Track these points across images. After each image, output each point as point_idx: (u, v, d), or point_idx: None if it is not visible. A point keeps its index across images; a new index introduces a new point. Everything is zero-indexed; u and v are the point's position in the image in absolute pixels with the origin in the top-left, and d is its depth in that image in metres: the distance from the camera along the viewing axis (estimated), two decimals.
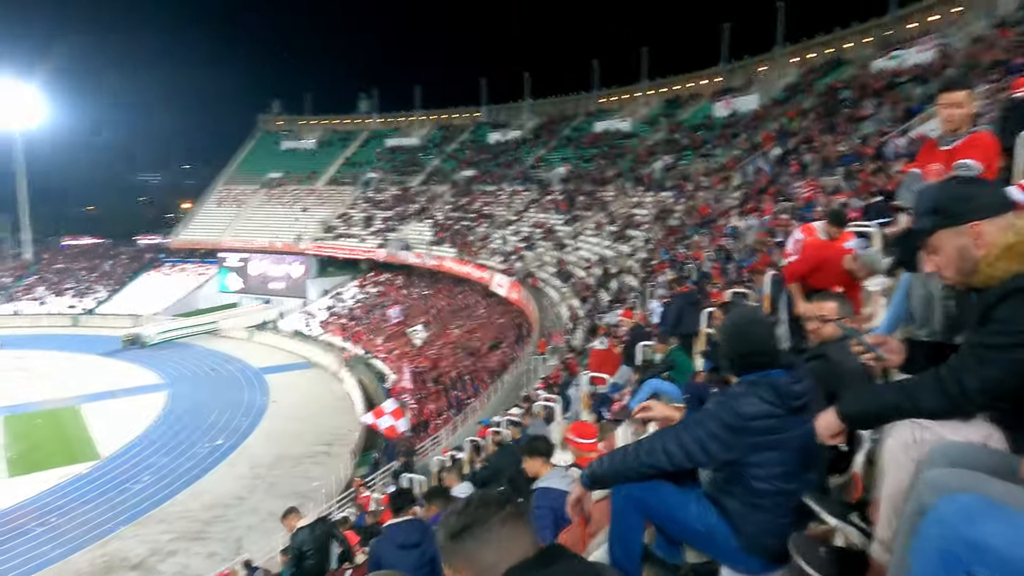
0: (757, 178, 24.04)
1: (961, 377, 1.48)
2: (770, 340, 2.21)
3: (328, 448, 28.30)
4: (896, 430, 1.58)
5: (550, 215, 41.69)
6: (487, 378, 28.32)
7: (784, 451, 2.08)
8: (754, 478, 2.08)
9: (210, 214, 63.17)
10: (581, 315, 24.51)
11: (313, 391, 36.70)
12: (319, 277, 54.61)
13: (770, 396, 2.07)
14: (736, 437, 2.06)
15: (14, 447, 28.17)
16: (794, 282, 4.51)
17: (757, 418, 2.05)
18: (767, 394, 2.07)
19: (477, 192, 50.59)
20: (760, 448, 2.06)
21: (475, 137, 61.10)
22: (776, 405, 2.06)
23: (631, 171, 40.11)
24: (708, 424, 2.09)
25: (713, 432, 2.07)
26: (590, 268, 30.27)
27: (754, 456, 2.07)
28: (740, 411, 2.06)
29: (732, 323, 2.32)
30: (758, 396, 2.07)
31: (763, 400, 2.06)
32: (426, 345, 36.98)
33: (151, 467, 26.04)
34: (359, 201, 57.22)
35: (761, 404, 2.06)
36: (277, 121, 73.08)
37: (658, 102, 50.94)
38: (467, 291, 43.35)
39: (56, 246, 71.23)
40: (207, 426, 30.78)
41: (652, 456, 2.13)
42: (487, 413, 20.40)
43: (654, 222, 29.52)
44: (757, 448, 2.06)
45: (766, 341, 2.19)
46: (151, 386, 37.10)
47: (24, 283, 59.28)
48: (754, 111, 37.92)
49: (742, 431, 2.05)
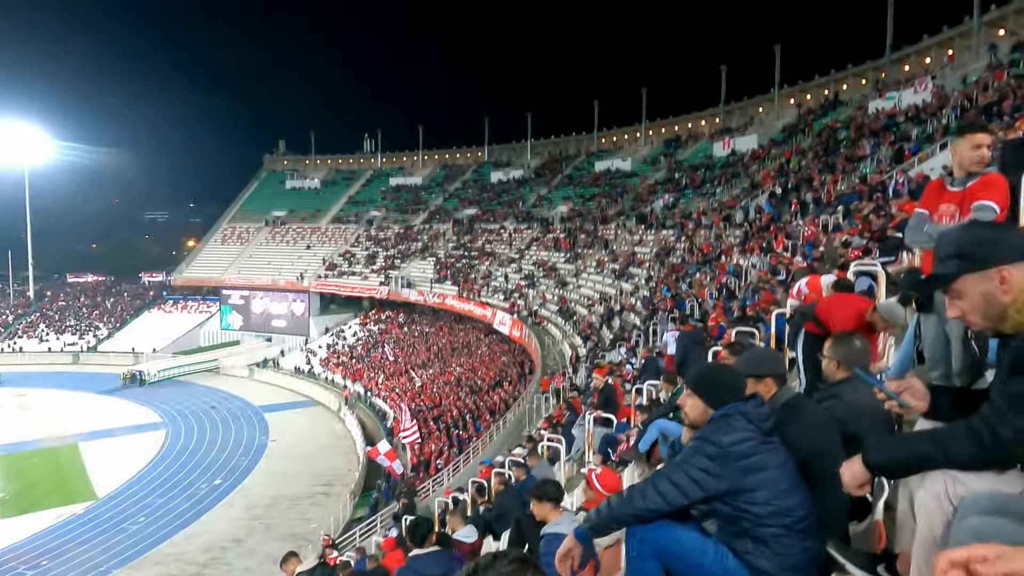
0: (757, 216, 24.19)
1: (995, 427, 1.44)
2: (737, 382, 2.43)
3: (327, 488, 27.86)
4: (928, 481, 1.54)
5: (552, 253, 41.87)
6: (489, 417, 28.03)
7: (771, 470, 2.18)
8: (754, 504, 2.14)
9: (214, 252, 63.51)
10: (583, 353, 24.38)
11: (313, 430, 36.31)
12: (321, 315, 54.61)
13: (742, 423, 2.22)
14: (723, 465, 2.16)
15: (8, 487, 27.76)
16: (813, 327, 4.48)
17: (736, 443, 2.18)
18: (739, 422, 2.23)
19: (479, 230, 50.92)
20: (749, 471, 2.16)
21: (477, 176, 61.80)
22: (750, 430, 2.21)
23: (632, 209, 40.41)
24: (694, 460, 2.20)
25: (700, 466, 2.18)
26: (592, 306, 30.25)
27: (746, 480, 2.15)
28: (719, 440, 2.19)
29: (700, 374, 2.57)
30: (731, 425, 2.22)
31: (736, 428, 2.21)
32: (427, 383, 36.73)
33: (148, 507, 25.58)
34: (362, 239, 57.58)
35: (736, 431, 2.20)
36: (283, 160, 74.09)
37: (658, 142, 51.68)
38: (469, 328, 43.26)
39: (60, 283, 71.52)
40: (206, 465, 30.36)
41: (647, 499, 2.20)
42: (490, 453, 20.13)
43: (655, 260, 29.61)
44: (747, 471, 2.16)
45: (735, 383, 2.41)
46: (150, 424, 36.74)
47: (26, 320, 59.26)
48: (753, 151, 38.39)
49: (727, 457, 2.16)
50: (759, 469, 2.17)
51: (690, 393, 2.49)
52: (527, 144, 61.39)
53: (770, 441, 2.25)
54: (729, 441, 2.18)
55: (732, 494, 2.16)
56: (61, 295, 65.89)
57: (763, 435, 2.24)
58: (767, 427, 2.26)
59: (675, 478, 2.20)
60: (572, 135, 59.53)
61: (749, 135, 41.45)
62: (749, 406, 2.30)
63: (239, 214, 67.56)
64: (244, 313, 56.98)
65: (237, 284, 57.66)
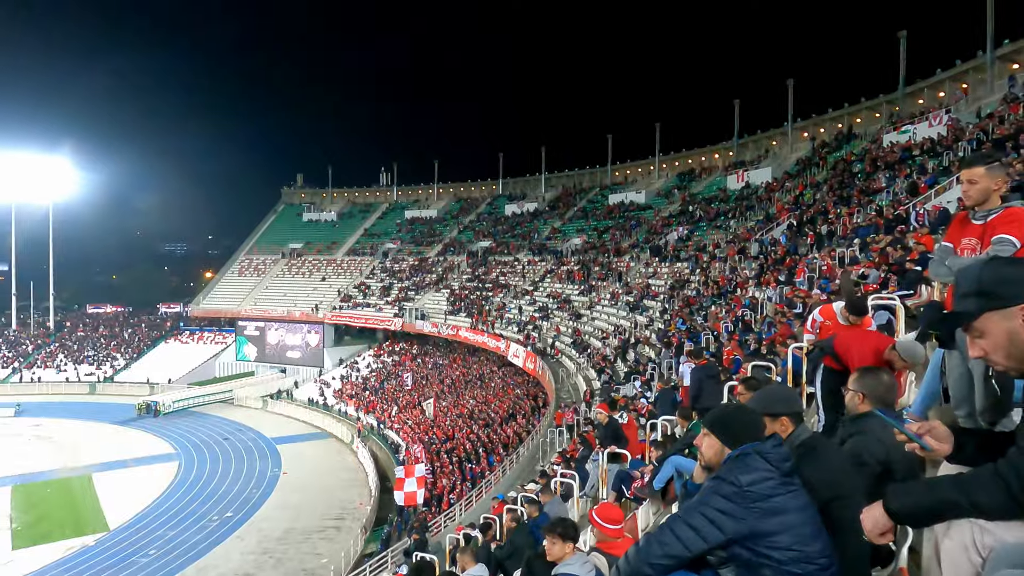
0: (773, 249, 24.07)
1: (1022, 473, 1.37)
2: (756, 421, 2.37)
3: (339, 522, 27.56)
4: (954, 530, 1.47)
5: (566, 285, 41.85)
6: (502, 450, 27.72)
7: (792, 513, 2.09)
8: (775, 549, 2.05)
9: (231, 283, 64.17)
10: (598, 386, 24.14)
11: (325, 462, 36.10)
12: (336, 346, 54.77)
13: (759, 463, 2.15)
14: (742, 506, 2.08)
15: (20, 518, 27.74)
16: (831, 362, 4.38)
17: (755, 483, 2.10)
18: (756, 462, 2.16)
19: (493, 262, 51.10)
20: (769, 513, 2.08)
21: (492, 209, 62.30)
22: (769, 470, 2.14)
23: (646, 242, 40.43)
24: (711, 501, 2.12)
25: (718, 507, 2.10)
26: (606, 338, 30.07)
27: (766, 523, 2.07)
28: (737, 480, 2.11)
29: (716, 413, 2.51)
30: (748, 465, 2.15)
31: (754, 467, 2.14)
32: (440, 416, 36.48)
33: (159, 540, 25.41)
34: (377, 271, 57.98)
35: (754, 471, 2.13)
36: (300, 193, 75.22)
37: (672, 175, 51.93)
38: (482, 360, 43.10)
39: (79, 314, 72.47)
40: (218, 497, 30.21)
41: (667, 545, 2.12)
42: (503, 488, 19.84)
43: (670, 292, 29.48)
44: (767, 514, 2.08)
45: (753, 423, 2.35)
46: (163, 455, 36.73)
47: (45, 351, 59.94)
48: (767, 183, 38.42)
49: (745, 498, 2.08)
50: (780, 512, 2.08)
51: (706, 433, 2.43)
52: (541, 177, 61.94)
53: (791, 483, 2.16)
54: (748, 480, 2.10)
55: (752, 538, 2.07)
56: (80, 325, 66.69)
57: (783, 476, 2.15)
58: (786, 468, 2.18)
59: (692, 521, 2.12)
60: (586, 169, 60.05)
61: (763, 168, 41.53)
62: (767, 446, 2.22)
63: (256, 246, 68.42)
64: (259, 344, 57.30)
65: (253, 315, 58.10)
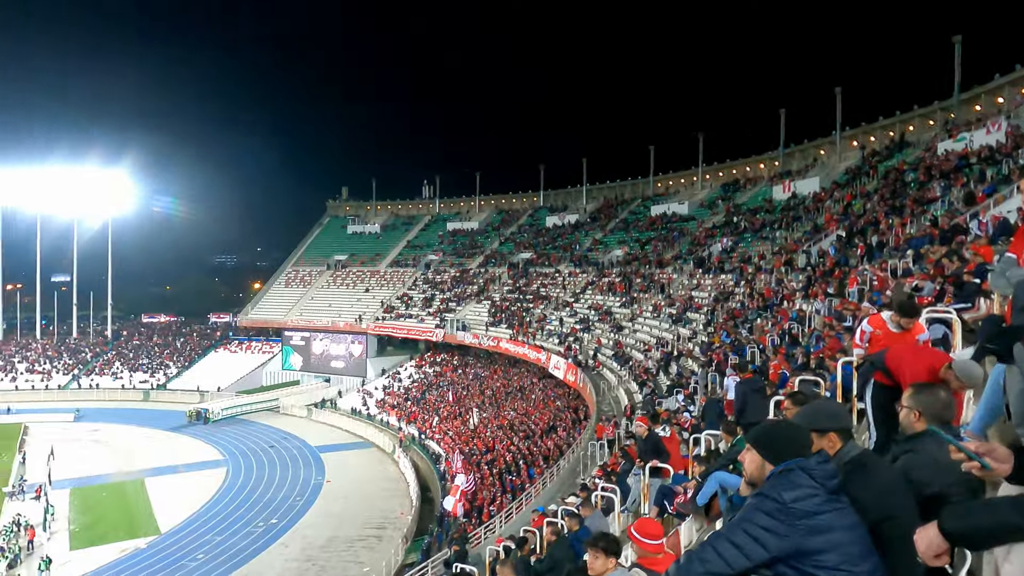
0: (821, 260, 23.46)
1: None
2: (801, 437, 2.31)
3: (380, 532, 27.80)
4: (1015, 554, 1.40)
5: (607, 297, 41.55)
6: (543, 463, 27.57)
7: (839, 532, 2.02)
8: (822, 568, 1.99)
9: (278, 294, 65.77)
10: (639, 399, 23.83)
11: (368, 471, 36.51)
12: (378, 356, 55.53)
13: (804, 479, 2.10)
14: (786, 523, 2.02)
15: (78, 519, 28.80)
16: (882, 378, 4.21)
17: (799, 500, 2.05)
18: (800, 478, 2.10)
19: (534, 274, 51.12)
20: (814, 532, 2.01)
21: (533, 221, 62.43)
22: (813, 486, 2.08)
23: (689, 253, 39.88)
24: (754, 518, 2.07)
25: (762, 524, 2.04)
26: (648, 351, 29.70)
27: (812, 541, 2.01)
28: (780, 496, 2.06)
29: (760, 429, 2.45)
30: (792, 481, 2.10)
31: (798, 483, 2.09)
32: (481, 427, 36.53)
33: (207, 544, 26.07)
34: (419, 282, 58.63)
35: (798, 487, 2.08)
36: (345, 206, 76.77)
37: (715, 186, 51.19)
38: (523, 372, 43.05)
39: (135, 323, 75.22)
40: (263, 504, 30.84)
41: (709, 563, 2.08)
42: (543, 500, 19.71)
43: (714, 304, 28.98)
44: (812, 531, 2.02)
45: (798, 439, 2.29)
46: (212, 462, 37.72)
47: (103, 358, 62.34)
48: (815, 193, 37.50)
49: (789, 514, 2.03)
50: (826, 530, 2.02)
51: (749, 448, 2.37)
52: (582, 189, 61.84)
53: (838, 501, 2.09)
54: (791, 497, 2.05)
55: (797, 556, 2.01)
56: (136, 334, 69.21)
57: (829, 493, 2.09)
58: (833, 485, 2.11)
59: (735, 538, 2.06)
60: (627, 180, 59.70)
61: (810, 178, 40.55)
62: (812, 462, 2.16)
63: (303, 258, 70.01)
64: (305, 354, 58.49)
65: (299, 326, 59.40)
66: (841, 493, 2.12)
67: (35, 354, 61.47)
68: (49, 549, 25.23)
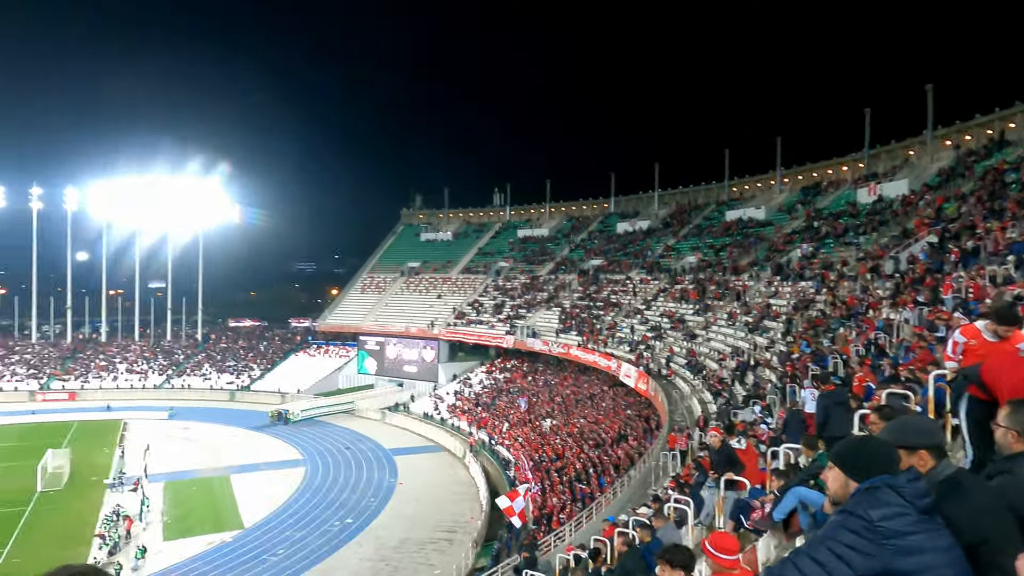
0: (911, 267, 22.20)
1: None
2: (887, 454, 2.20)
3: (450, 535, 28.14)
4: None
5: (679, 304, 40.71)
6: (613, 472, 27.25)
7: (932, 554, 1.90)
8: None
9: (354, 300, 67.93)
10: (713, 410, 23.20)
11: (438, 475, 37.07)
12: (449, 362, 56.39)
13: (892, 497, 1.99)
14: (873, 542, 1.92)
15: (171, 512, 30.56)
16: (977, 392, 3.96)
17: (886, 519, 1.93)
18: (888, 496, 1.99)
19: (605, 281, 50.69)
20: (903, 552, 1.90)
21: (603, 227, 61.97)
22: (902, 505, 1.97)
23: (766, 259, 38.58)
24: (839, 536, 1.97)
25: (847, 542, 1.94)
26: (723, 360, 28.89)
27: (900, 562, 1.90)
28: (866, 515, 1.95)
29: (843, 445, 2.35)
30: (879, 498, 1.99)
31: (886, 501, 1.98)
32: (550, 434, 36.48)
33: (287, 540, 27.11)
34: (490, 289, 59.20)
35: (886, 505, 1.97)
36: (418, 214, 78.59)
37: (795, 189, 49.34)
38: (593, 380, 42.71)
39: (223, 327, 79.34)
40: (339, 503, 31.82)
41: None
42: (613, 510, 19.49)
43: (793, 313, 27.90)
44: (901, 552, 1.90)
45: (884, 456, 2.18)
46: (291, 461, 39.25)
47: (194, 360, 66.05)
48: (903, 196, 35.55)
49: (876, 533, 1.92)
50: (916, 551, 1.90)
51: (832, 466, 2.28)
52: (654, 195, 60.91)
53: (930, 521, 1.98)
54: (879, 515, 1.94)
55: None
56: (223, 338, 72.98)
57: (920, 513, 1.97)
58: (924, 505, 1.99)
59: (818, 555, 1.97)
60: (701, 185, 58.38)
61: (898, 180, 38.47)
62: (901, 479, 2.04)
63: (378, 265, 72.08)
64: (379, 358, 60.09)
65: (373, 331, 61.13)
66: (934, 513, 2.00)
67: (134, 355, 65.79)
68: (145, 539, 26.89)
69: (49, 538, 26.82)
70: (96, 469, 36.04)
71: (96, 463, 37.16)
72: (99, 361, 63.56)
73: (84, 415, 50.82)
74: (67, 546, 25.85)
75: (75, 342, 67.29)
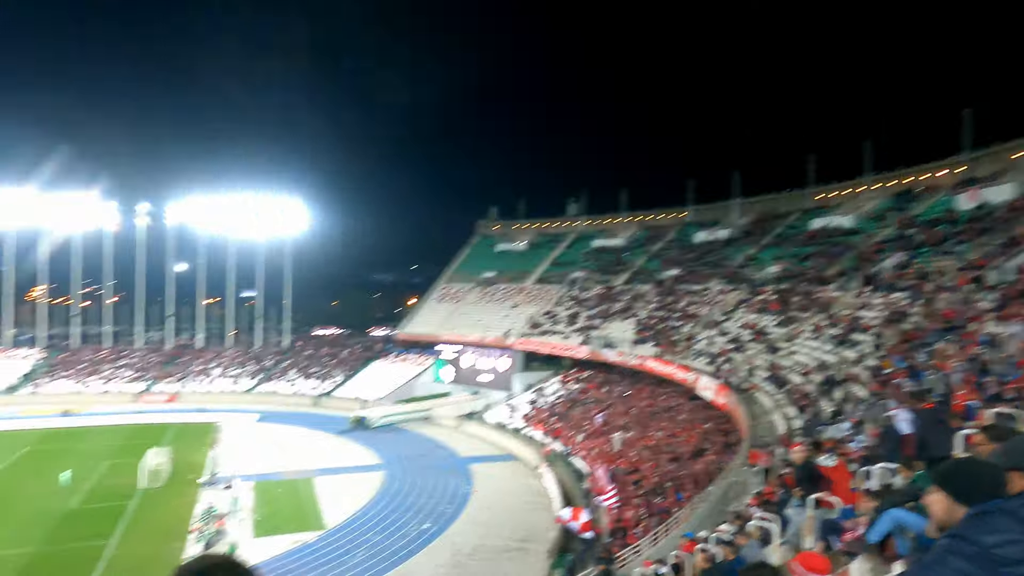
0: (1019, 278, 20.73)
1: None
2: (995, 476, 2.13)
3: (524, 544, 28.21)
4: None
5: (761, 316, 39.41)
6: (691, 487, 26.62)
7: None
8: None
9: (431, 310, 69.41)
10: (798, 425, 22.32)
11: (512, 484, 37.24)
12: (524, 371, 56.62)
13: (1006, 523, 1.91)
14: (988, 571, 1.84)
15: (260, 510, 32.06)
16: None
17: (1000, 545, 1.86)
18: (1002, 521, 1.92)
19: (682, 291, 49.71)
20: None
21: (680, 236, 60.86)
22: (1018, 531, 1.89)
23: (855, 269, 36.83)
24: (949, 563, 1.89)
25: (957, 569, 1.86)
26: (808, 374, 27.75)
27: None
28: (979, 540, 1.88)
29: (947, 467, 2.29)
30: (991, 524, 1.92)
31: (1000, 527, 1.90)
32: (626, 447, 36.00)
33: (367, 543, 27.92)
34: (565, 299, 59.16)
35: (1000, 531, 1.89)
36: (493, 226, 79.57)
37: (885, 196, 46.92)
38: (670, 392, 41.88)
39: (308, 335, 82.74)
40: (417, 508, 32.51)
41: None
42: (692, 526, 19.05)
43: (885, 326, 26.50)
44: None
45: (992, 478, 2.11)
46: (371, 466, 40.41)
47: (281, 367, 69.19)
48: (1009, 202, 33.20)
49: (991, 561, 1.84)
50: None
51: (936, 488, 2.21)
52: (733, 203, 59.35)
53: None
54: (992, 542, 1.87)
55: None
56: (309, 345, 76.13)
57: None
58: None
59: None
60: (783, 192, 56.44)
61: (1003, 185, 35.97)
62: (1014, 503, 1.97)
63: (454, 275, 73.43)
64: (455, 367, 61.10)
65: (450, 340, 62.23)
66: None
67: (227, 360, 69.58)
68: (235, 536, 28.33)
69: (150, 532, 28.68)
70: (193, 467, 38.29)
71: (193, 461, 39.48)
72: (196, 366, 67.64)
73: (182, 416, 54.21)
74: (166, 540, 27.56)
75: (175, 348, 71.90)
